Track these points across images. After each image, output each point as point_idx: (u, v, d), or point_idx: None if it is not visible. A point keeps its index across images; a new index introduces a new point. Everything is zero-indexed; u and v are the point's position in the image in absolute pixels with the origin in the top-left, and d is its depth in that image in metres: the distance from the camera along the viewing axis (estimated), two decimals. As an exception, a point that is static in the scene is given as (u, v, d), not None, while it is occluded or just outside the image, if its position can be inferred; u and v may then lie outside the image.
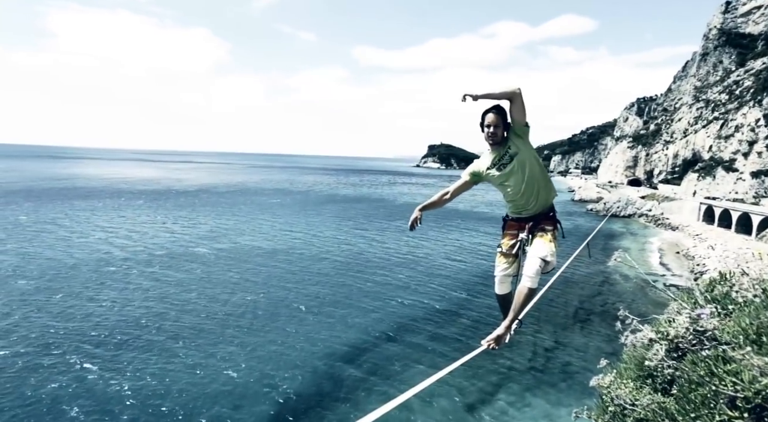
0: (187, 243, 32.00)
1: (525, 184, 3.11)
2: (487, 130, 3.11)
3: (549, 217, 3.21)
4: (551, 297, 22.75)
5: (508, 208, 3.32)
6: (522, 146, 3.10)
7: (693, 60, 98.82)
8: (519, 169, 3.09)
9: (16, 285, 21.18)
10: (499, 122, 3.07)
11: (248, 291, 22.01)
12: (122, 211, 46.51)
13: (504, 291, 3.29)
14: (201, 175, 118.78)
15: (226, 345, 16.00)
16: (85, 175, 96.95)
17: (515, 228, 3.27)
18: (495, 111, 3.07)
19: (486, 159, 3.23)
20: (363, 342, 16.85)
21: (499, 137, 3.11)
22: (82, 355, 14.79)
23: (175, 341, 16.18)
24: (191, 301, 20.32)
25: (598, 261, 31.35)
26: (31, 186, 66.71)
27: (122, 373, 13.77)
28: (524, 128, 3.07)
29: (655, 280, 28.31)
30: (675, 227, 50.13)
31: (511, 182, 3.15)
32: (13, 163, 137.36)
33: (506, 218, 3.39)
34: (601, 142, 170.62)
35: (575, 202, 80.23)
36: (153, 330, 16.94)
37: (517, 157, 3.08)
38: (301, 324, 18.19)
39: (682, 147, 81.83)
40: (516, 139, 3.10)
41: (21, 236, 31.72)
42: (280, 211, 51.70)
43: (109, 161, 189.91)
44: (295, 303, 20.64)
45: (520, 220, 3.24)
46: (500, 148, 3.14)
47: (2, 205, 45.47)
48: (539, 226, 3.16)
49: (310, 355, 15.52)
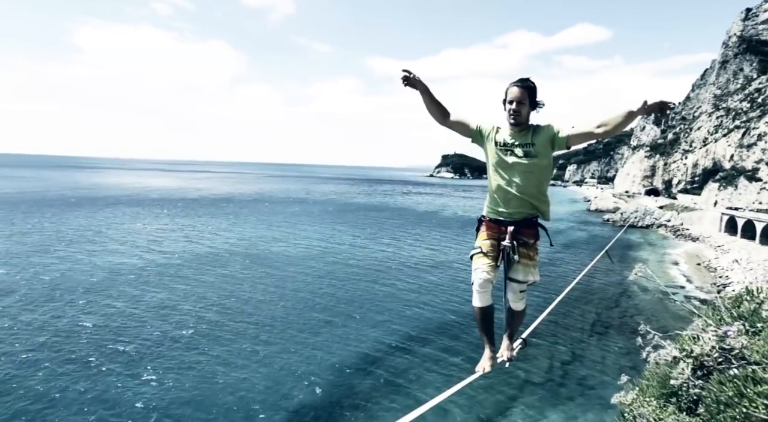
0: (206, 251, 32.41)
1: (523, 187, 2.69)
2: (509, 106, 2.64)
3: (532, 225, 2.80)
4: (568, 307, 22.32)
5: (489, 203, 2.85)
6: (546, 152, 2.66)
7: (712, 68, 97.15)
8: (529, 171, 2.66)
9: (40, 289, 21.67)
10: (525, 99, 2.62)
11: (265, 299, 22.13)
12: (145, 218, 47.44)
13: (486, 302, 2.78)
14: (219, 184, 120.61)
15: (243, 353, 16.06)
16: (109, 185, 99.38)
17: (494, 230, 2.82)
18: (521, 84, 2.63)
19: (503, 132, 2.74)
20: (378, 351, 16.73)
21: (524, 118, 2.65)
22: (100, 359, 14.99)
23: (192, 347, 16.29)
24: (208, 308, 20.50)
25: (616, 271, 30.69)
26: (62, 195, 68.64)
27: (137, 378, 13.90)
28: (562, 141, 2.61)
29: (676, 292, 27.57)
30: (695, 238, 48.86)
31: (509, 176, 2.70)
32: (42, 173, 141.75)
33: (483, 218, 2.92)
34: (617, 152, 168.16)
35: (591, 211, 78.92)
36: (170, 335, 17.10)
37: (536, 160, 2.64)
38: (318, 333, 18.17)
39: (702, 156, 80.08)
40: (545, 142, 2.63)
41: (55, 242, 32.55)
42: (298, 219, 52.08)
43: (129, 171, 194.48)
44: (312, 310, 20.65)
45: (500, 223, 2.80)
46: (522, 133, 2.68)
47: (38, 213, 46.82)
48: (520, 238, 2.75)
49: (326, 364, 15.46)
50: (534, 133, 2.65)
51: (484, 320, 2.81)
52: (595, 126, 2.46)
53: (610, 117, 2.41)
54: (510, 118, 2.66)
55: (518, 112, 2.63)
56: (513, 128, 2.70)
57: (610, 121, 2.41)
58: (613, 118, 2.40)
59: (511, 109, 2.64)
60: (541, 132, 2.64)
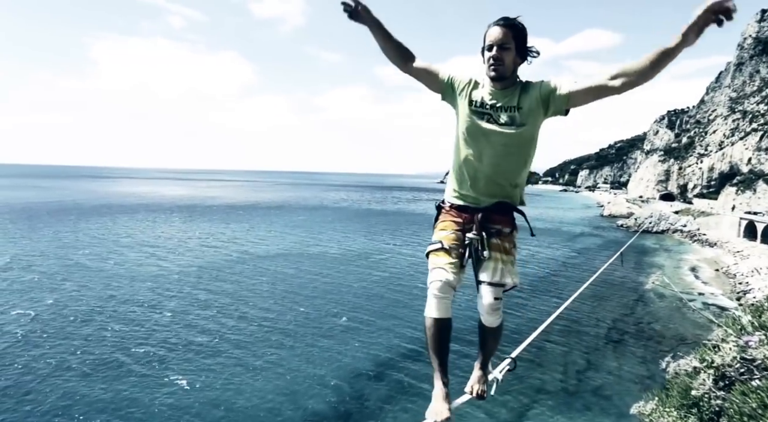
0: (223, 258, 32.74)
1: (498, 165, 2.06)
2: (488, 54, 1.97)
3: (506, 210, 2.17)
4: (581, 312, 22.00)
5: (452, 183, 2.23)
6: (535, 119, 2.00)
7: (727, 70, 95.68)
8: (509, 143, 2.01)
9: (66, 295, 22.09)
10: (510, 43, 1.94)
11: (284, 305, 22.26)
12: (161, 226, 48.15)
13: (443, 313, 2.04)
14: (231, 192, 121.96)
15: (263, 357, 16.16)
16: (124, 193, 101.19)
17: (458, 219, 2.19)
18: (504, 23, 1.95)
19: (481, 89, 2.07)
20: (397, 356, 16.66)
21: (508, 69, 1.97)
22: (127, 361, 15.23)
23: (214, 351, 16.43)
24: (228, 314, 20.67)
25: (631, 276, 30.19)
26: (79, 204, 70.09)
27: (162, 380, 14.05)
28: (561, 100, 1.94)
29: (694, 299, 26.98)
30: (713, 243, 47.85)
31: (481, 148, 2.05)
32: (59, 182, 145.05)
33: (442, 205, 2.28)
34: (630, 156, 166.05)
35: (604, 217, 77.88)
36: (192, 340, 17.28)
37: (521, 129, 1.98)
38: (337, 338, 18.17)
39: (718, 160, 78.65)
40: (535, 104, 1.97)
41: (77, 250, 33.21)
42: (312, 226, 52.36)
43: (143, 180, 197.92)
44: (330, 316, 20.69)
45: (464, 210, 2.17)
46: (506, 93, 2.01)
47: (58, 222, 47.89)
48: (492, 227, 2.14)
49: (345, 369, 15.44)
50: (522, 93, 1.99)
51: (439, 338, 2.06)
52: (609, 77, 1.79)
53: (633, 64, 1.74)
54: (489, 70, 1.97)
55: (500, 60, 1.94)
56: (494, 84, 2.02)
57: (633, 68, 1.73)
58: (639, 64, 1.72)
59: (490, 57, 1.95)
60: (532, 91, 1.97)
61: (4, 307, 20.66)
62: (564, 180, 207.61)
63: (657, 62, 1.69)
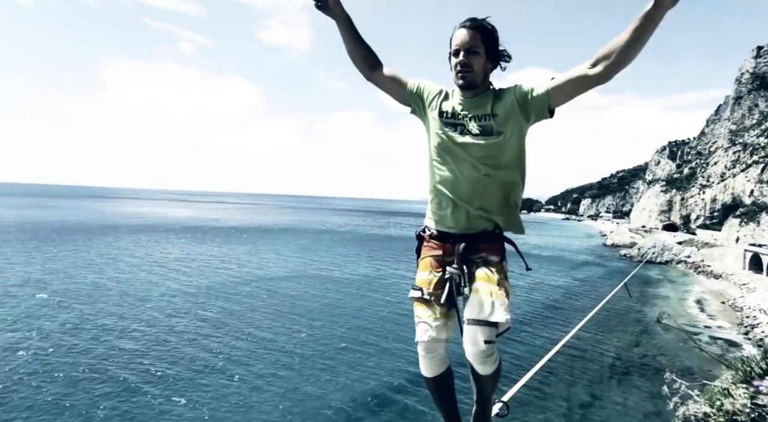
0: (228, 280, 32.50)
1: (479, 182, 1.78)
2: (455, 60, 1.76)
3: (494, 238, 1.86)
4: (585, 342, 21.53)
5: (431, 207, 1.95)
6: (515, 125, 1.74)
7: (726, 103, 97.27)
8: (488, 155, 1.75)
9: (76, 314, 21.84)
10: (479, 46, 1.72)
11: (290, 327, 22.00)
12: (167, 247, 48.05)
13: (437, 370, 1.88)
14: (236, 215, 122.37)
15: (268, 378, 15.81)
16: (130, 214, 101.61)
17: (439, 251, 1.90)
18: (471, 25, 1.74)
19: (452, 99, 1.86)
20: (397, 383, 16.23)
21: (477, 76, 1.75)
22: (134, 381, 14.92)
23: (219, 371, 16.08)
24: (234, 335, 20.36)
25: (635, 307, 29.72)
26: (88, 225, 70.34)
27: (169, 398, 13.71)
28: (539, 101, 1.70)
29: (700, 333, 26.43)
30: (718, 275, 47.30)
31: (458, 163, 1.80)
32: (67, 202, 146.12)
33: (422, 234, 1.99)
34: (632, 186, 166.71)
35: (607, 246, 77.41)
36: (198, 360, 16.98)
37: (499, 138, 1.74)
38: (343, 361, 17.78)
39: (720, 191, 78.80)
40: (511, 109, 1.74)
41: (84, 270, 33.07)
42: (316, 250, 52.16)
43: (149, 201, 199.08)
44: (336, 339, 20.34)
45: (445, 239, 1.88)
46: (478, 100, 1.79)
47: (68, 241, 47.94)
48: (478, 256, 1.83)
49: (350, 392, 15.02)
50: (496, 100, 1.77)
51: (440, 392, 1.93)
52: (590, 64, 1.58)
53: (613, 43, 1.53)
54: (457, 78, 1.77)
55: (468, 65, 1.72)
56: (464, 93, 1.81)
57: (613, 47, 1.52)
58: (620, 40, 1.50)
59: (457, 63, 1.74)
60: (506, 96, 1.76)
61: (14, 325, 20.50)
62: (566, 208, 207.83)
63: (639, 31, 1.46)
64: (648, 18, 1.44)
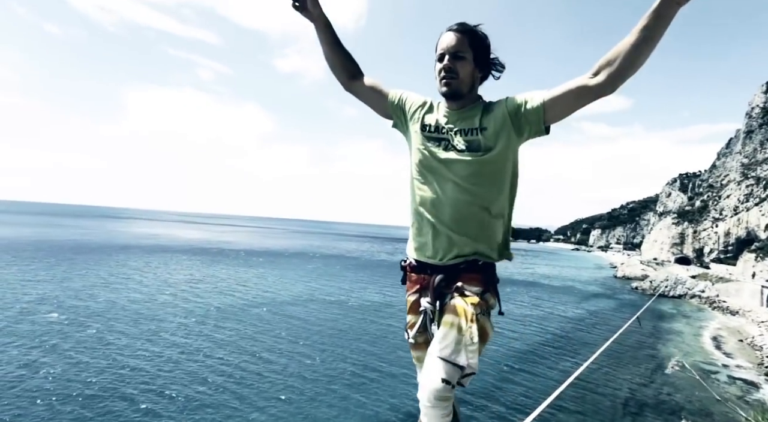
0: (233, 302, 32.44)
1: (463, 204, 1.57)
2: (439, 65, 1.59)
3: (476, 269, 1.62)
4: (596, 377, 20.92)
5: (412, 234, 1.77)
6: (506, 142, 1.55)
7: (737, 137, 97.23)
8: (475, 173, 1.56)
9: (89, 332, 21.96)
10: (466, 51, 1.56)
11: (295, 352, 21.77)
12: (179, 268, 48.37)
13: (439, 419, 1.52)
14: (247, 238, 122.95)
15: (267, 403, 15.56)
16: (143, 235, 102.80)
17: (416, 284, 1.73)
18: (458, 28, 1.58)
19: (437, 112, 1.69)
20: (406, 413, 15.91)
21: (464, 84, 1.59)
22: (144, 400, 14.83)
23: (217, 396, 15.90)
24: (243, 357, 20.21)
25: (648, 342, 28.95)
26: (102, 244, 71.33)
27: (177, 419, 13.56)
28: (534, 113, 1.50)
29: (718, 372, 25.54)
30: (735, 311, 45.96)
31: (441, 183, 1.61)
32: (84, 222, 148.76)
33: (404, 263, 1.83)
34: (642, 217, 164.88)
35: (618, 278, 75.99)
36: (207, 380, 16.83)
37: (488, 155, 1.54)
38: (351, 386, 17.50)
39: (734, 225, 77.62)
40: (502, 123, 1.55)
41: (98, 288, 33.38)
42: (325, 274, 52.06)
43: (161, 222, 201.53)
44: (344, 363, 20.06)
45: (424, 270, 1.69)
46: (465, 112, 1.62)
47: (82, 261, 48.61)
48: (455, 286, 1.60)
49: (359, 417, 14.74)
50: (485, 112, 1.59)
51: None
52: (592, 73, 1.40)
53: (617, 47, 1.34)
54: (441, 85, 1.60)
55: (452, 71, 1.56)
56: (449, 103, 1.65)
57: (618, 50, 1.33)
58: (626, 42, 1.32)
59: (441, 69, 1.58)
60: (496, 108, 1.57)
61: (28, 342, 20.65)
62: (576, 238, 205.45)
63: (647, 31, 1.28)
64: (658, 15, 1.26)
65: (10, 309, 26.47)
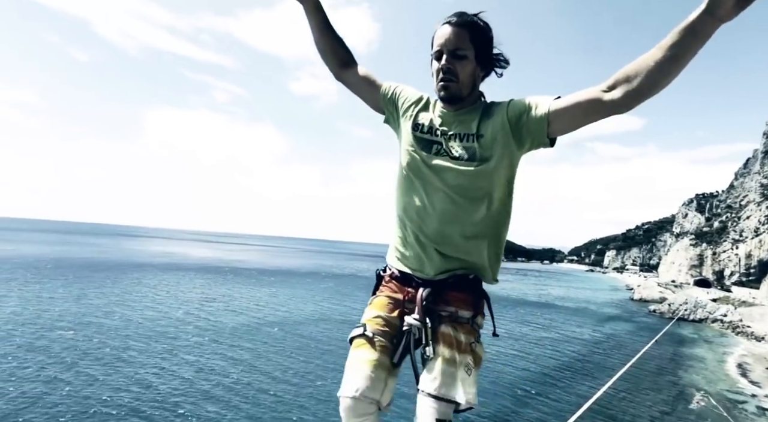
0: (250, 321, 32.51)
1: (453, 215, 1.43)
2: (436, 64, 1.43)
3: (467, 286, 1.50)
4: (614, 405, 20.28)
5: (394, 242, 1.63)
6: (504, 151, 1.40)
7: (755, 157, 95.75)
8: (467, 185, 1.41)
9: (105, 349, 22.22)
10: (467, 47, 1.39)
11: (309, 372, 21.68)
12: (187, 286, 48.82)
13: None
14: (259, 257, 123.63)
15: None
16: (157, 253, 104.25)
17: (397, 294, 1.59)
18: (457, 21, 1.40)
19: (432, 110, 1.54)
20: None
21: (464, 86, 1.43)
22: (157, 414, 14.86)
23: (231, 419, 15.86)
24: (251, 376, 20.18)
25: (668, 369, 28.06)
26: (117, 262, 72.57)
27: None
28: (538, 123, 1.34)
29: (745, 401, 24.55)
30: (760, 337, 44.31)
31: (430, 190, 1.46)
32: (99, 240, 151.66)
33: (383, 272, 1.70)
34: (659, 238, 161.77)
35: (635, 301, 74.16)
36: (222, 399, 16.81)
37: (484, 165, 1.39)
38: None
39: (756, 247, 75.64)
40: (501, 130, 1.39)
41: (112, 306, 33.86)
42: (334, 293, 51.98)
43: (174, 240, 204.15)
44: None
45: (408, 281, 1.56)
46: (462, 114, 1.47)
47: (98, 279, 49.49)
48: (444, 309, 1.48)
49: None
50: (484, 117, 1.44)
51: None
52: (607, 87, 1.23)
53: (639, 61, 1.15)
54: (439, 88, 1.45)
55: (452, 72, 1.40)
56: (446, 105, 1.50)
57: (640, 66, 1.15)
58: (649, 57, 1.12)
59: (439, 69, 1.43)
60: (497, 113, 1.42)
61: (44, 358, 20.96)
62: (590, 260, 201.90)
63: (677, 48, 1.07)
64: (693, 31, 1.05)
65: (30, 326, 26.90)
